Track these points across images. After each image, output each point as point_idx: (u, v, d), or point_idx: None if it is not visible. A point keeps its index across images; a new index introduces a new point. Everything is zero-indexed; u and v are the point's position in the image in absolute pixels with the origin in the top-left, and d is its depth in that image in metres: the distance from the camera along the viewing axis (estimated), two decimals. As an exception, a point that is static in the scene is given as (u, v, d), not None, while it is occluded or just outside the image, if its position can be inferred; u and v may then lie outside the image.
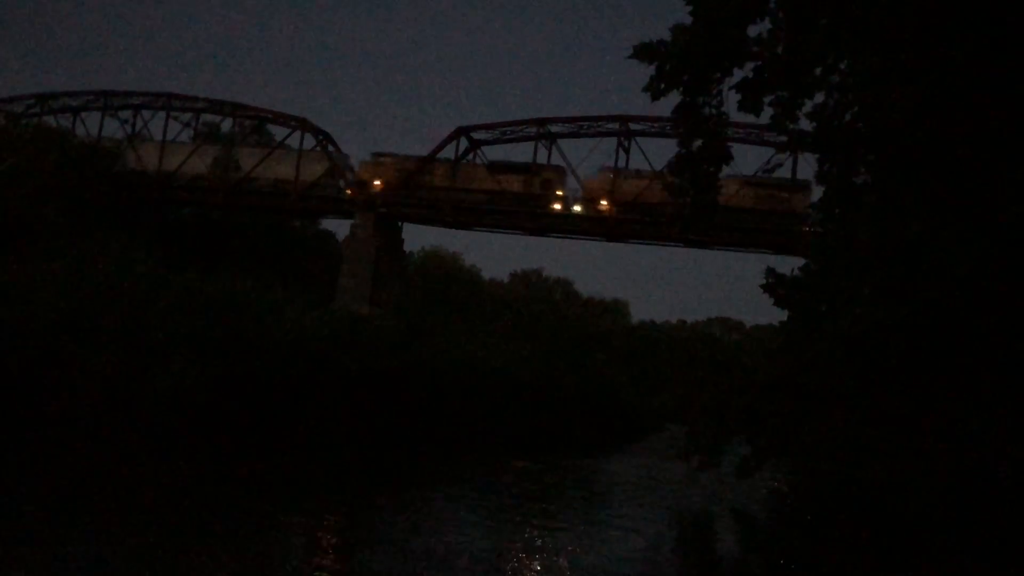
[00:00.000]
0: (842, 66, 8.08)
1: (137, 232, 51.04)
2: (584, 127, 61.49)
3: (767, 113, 9.20)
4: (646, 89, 7.61)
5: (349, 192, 62.26)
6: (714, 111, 7.74)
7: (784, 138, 9.82)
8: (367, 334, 36.65)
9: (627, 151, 60.35)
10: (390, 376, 34.94)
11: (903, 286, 7.11)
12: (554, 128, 61.52)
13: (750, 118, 8.46)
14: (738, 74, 8.15)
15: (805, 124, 10.19)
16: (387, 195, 61.04)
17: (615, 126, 60.51)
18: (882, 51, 7.29)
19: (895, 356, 7.02)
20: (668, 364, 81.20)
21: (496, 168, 60.51)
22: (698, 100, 7.58)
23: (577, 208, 60.59)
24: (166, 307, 28.86)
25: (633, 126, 60.06)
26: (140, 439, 24.98)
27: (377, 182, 62.04)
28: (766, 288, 8.79)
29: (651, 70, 7.55)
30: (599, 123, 61.21)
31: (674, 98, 7.88)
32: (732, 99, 7.77)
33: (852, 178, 10.23)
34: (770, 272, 9.79)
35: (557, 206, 60.57)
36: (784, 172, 57.51)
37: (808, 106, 9.71)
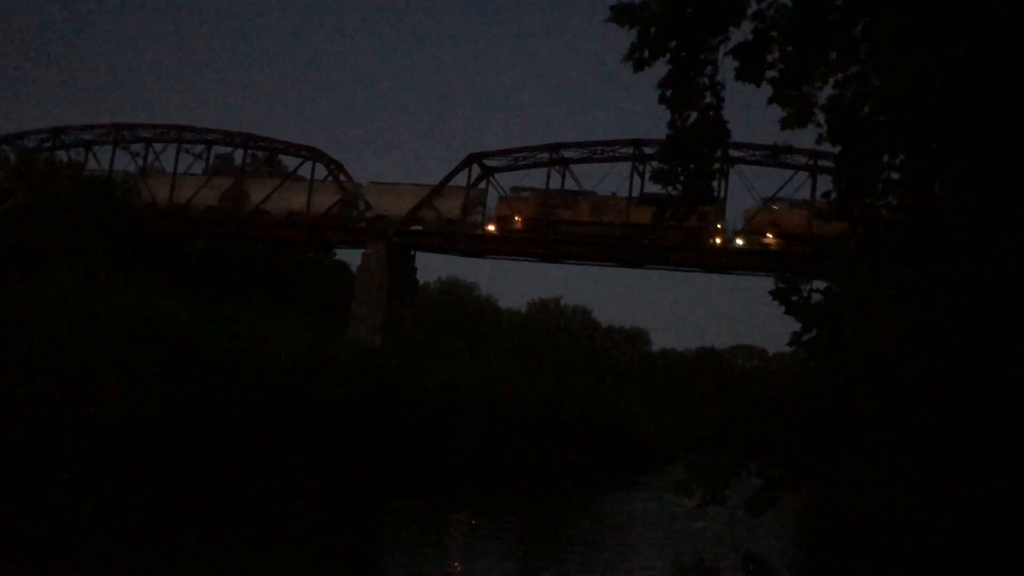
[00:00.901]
0: (858, 31, 7.06)
1: (149, 265, 50.66)
2: (598, 151, 60.65)
3: (772, 123, 8.16)
4: (627, 59, 6.55)
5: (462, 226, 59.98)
6: (708, 81, 6.66)
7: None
8: (342, 360, 35.03)
9: (641, 175, 59.38)
10: (367, 404, 33.45)
11: (937, 288, 6.03)
12: (567, 153, 60.71)
13: (758, 137, 7.43)
14: (736, 35, 7.08)
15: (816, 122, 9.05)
16: (527, 232, 58.44)
17: (629, 150, 59.59)
18: (905, 10, 6.28)
19: (929, 371, 5.92)
20: (687, 393, 79.26)
21: (650, 200, 58.21)
22: (689, 69, 6.49)
23: (740, 242, 57.59)
24: (103, 329, 26.87)
25: (647, 150, 59.04)
26: (68, 469, 23.38)
27: (517, 218, 59.27)
28: (777, 295, 7.65)
29: (634, 40, 6.47)
30: (613, 147, 60.33)
31: (660, 70, 6.85)
32: (728, 67, 6.71)
33: (875, 174, 9.08)
34: (783, 278, 8.55)
35: (718, 240, 57.74)
36: (804, 192, 56.23)
37: (823, 96, 8.64)
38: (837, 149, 9.44)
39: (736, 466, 6.91)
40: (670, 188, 6.79)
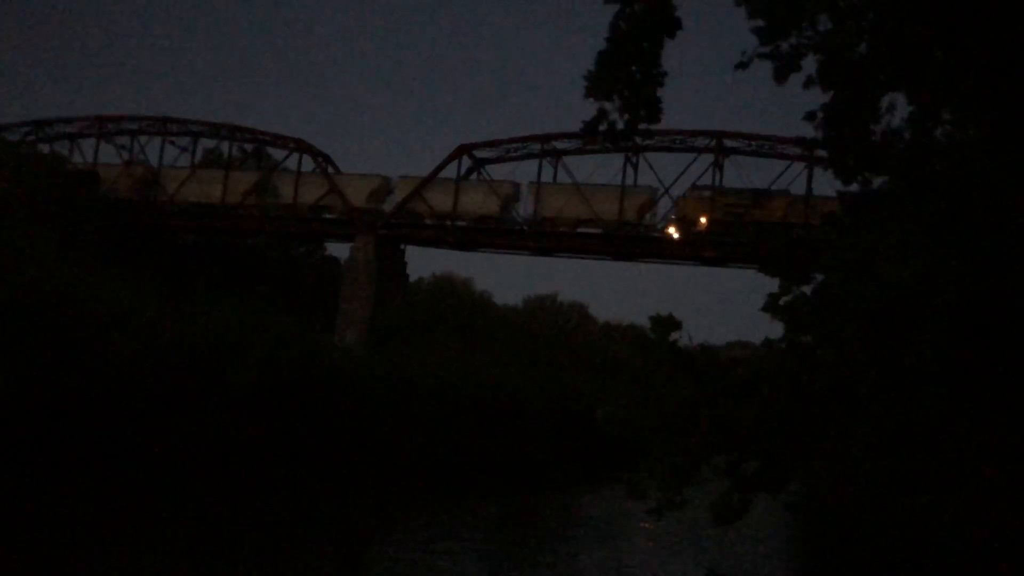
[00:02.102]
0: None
1: (133, 258, 49.51)
2: (589, 143, 59.28)
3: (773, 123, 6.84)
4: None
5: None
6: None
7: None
8: (262, 346, 31.76)
9: (635, 166, 58.14)
10: (299, 393, 30.90)
11: (955, 230, 4.75)
12: (559, 144, 59.42)
13: (752, 125, 6.07)
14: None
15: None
16: (714, 236, 52.64)
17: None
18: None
19: (942, 333, 4.64)
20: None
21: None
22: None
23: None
24: None
25: (640, 140, 57.83)
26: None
27: (703, 220, 53.64)
28: (767, 309, 6.18)
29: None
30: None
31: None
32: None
33: (872, 119, 7.83)
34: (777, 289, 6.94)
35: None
36: (799, 185, 54.91)
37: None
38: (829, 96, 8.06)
39: (696, 460, 5.54)
40: (606, 102, 5.44)
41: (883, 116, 8.02)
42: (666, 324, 6.05)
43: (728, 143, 56.40)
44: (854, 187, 8.21)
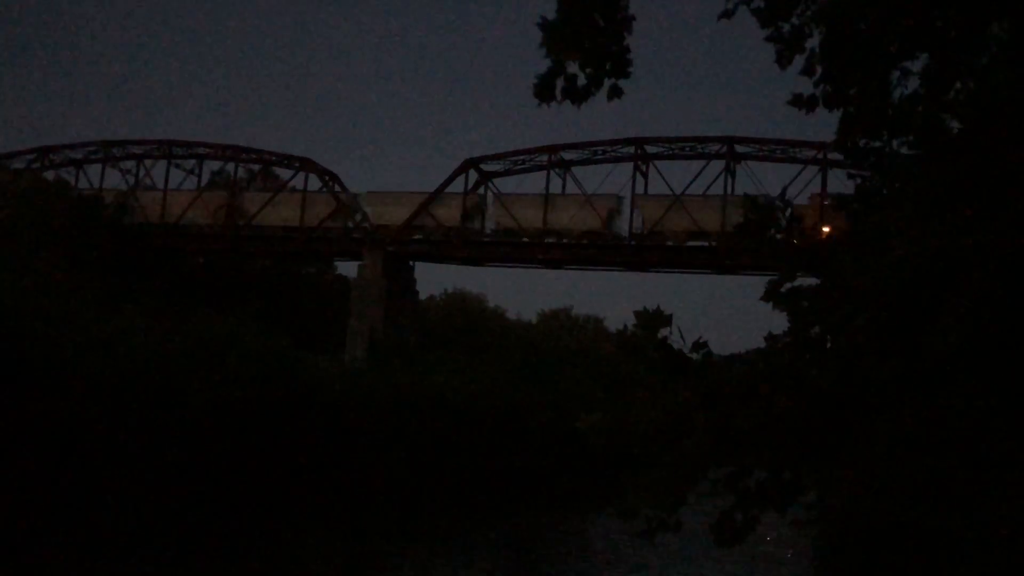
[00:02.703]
0: None
1: (142, 282, 49.12)
2: (598, 152, 58.63)
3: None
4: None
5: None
6: None
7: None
8: (233, 360, 29.34)
9: (645, 175, 57.30)
10: (273, 410, 28.54)
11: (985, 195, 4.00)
12: (567, 155, 58.74)
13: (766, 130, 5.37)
14: None
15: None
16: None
17: (631, 150, 57.54)
18: None
19: (972, 313, 3.87)
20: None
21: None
22: None
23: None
24: None
25: (650, 148, 57.11)
26: None
27: (826, 229, 53.88)
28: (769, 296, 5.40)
29: None
30: (614, 147, 58.29)
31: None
32: None
33: (883, 90, 7.12)
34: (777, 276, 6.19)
35: None
36: (815, 186, 53.93)
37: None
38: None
39: (691, 473, 4.75)
40: (568, 58, 4.70)
41: (895, 87, 7.27)
42: (654, 319, 5.30)
43: (739, 148, 55.55)
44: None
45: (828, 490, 5.87)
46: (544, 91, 4.83)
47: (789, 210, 5.29)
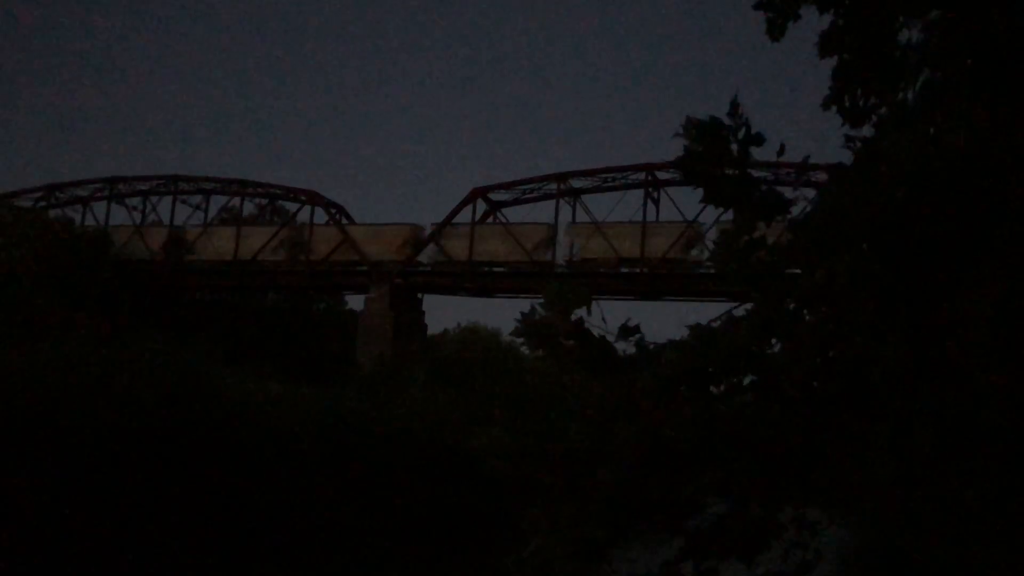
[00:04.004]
0: None
1: (148, 319, 48.24)
2: (608, 179, 57.38)
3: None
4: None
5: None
6: None
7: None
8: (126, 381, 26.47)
9: (656, 202, 55.91)
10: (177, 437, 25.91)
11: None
12: (576, 183, 57.53)
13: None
14: None
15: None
16: None
17: (641, 176, 56.25)
18: None
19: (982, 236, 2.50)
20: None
21: None
22: None
23: None
24: None
25: (661, 175, 55.73)
26: None
27: None
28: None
29: None
30: (624, 174, 57.05)
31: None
32: None
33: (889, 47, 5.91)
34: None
35: None
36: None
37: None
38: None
39: (616, 509, 3.42)
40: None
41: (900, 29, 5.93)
42: (565, 297, 3.88)
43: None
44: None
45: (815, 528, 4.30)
46: None
47: (744, 129, 3.90)
